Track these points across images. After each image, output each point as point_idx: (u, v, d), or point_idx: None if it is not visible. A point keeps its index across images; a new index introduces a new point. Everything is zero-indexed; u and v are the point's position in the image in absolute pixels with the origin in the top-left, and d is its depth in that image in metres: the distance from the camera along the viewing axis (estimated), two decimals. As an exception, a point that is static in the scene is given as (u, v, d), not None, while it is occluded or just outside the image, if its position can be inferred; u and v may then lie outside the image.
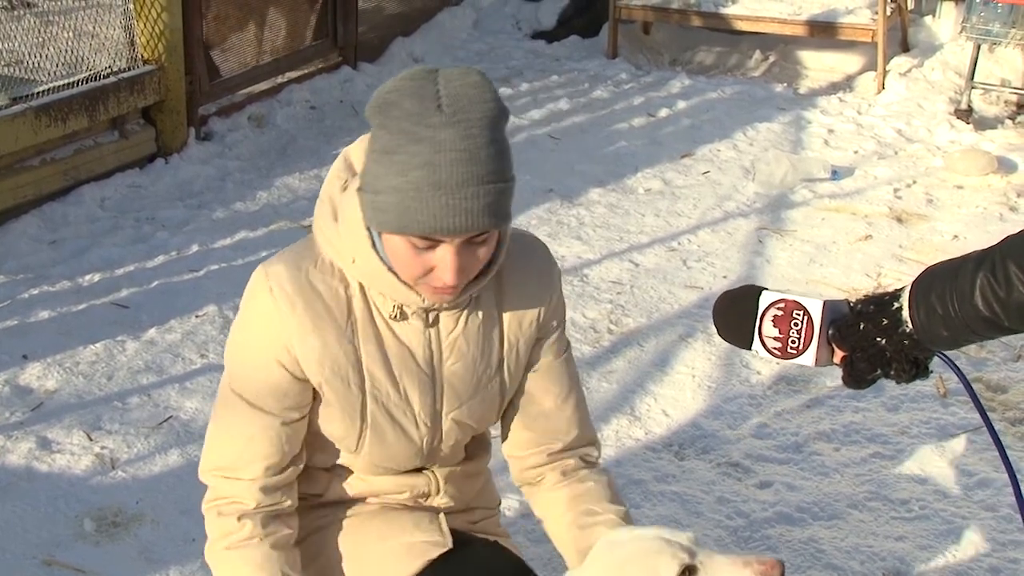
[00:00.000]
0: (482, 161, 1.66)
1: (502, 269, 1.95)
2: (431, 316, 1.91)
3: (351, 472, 2.07)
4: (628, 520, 2.06)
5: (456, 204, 1.66)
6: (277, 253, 1.95)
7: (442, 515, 2.09)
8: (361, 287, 1.89)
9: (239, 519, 1.92)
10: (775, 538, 3.28)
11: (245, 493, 1.93)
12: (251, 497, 1.93)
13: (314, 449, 2.01)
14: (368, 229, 1.79)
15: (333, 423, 1.96)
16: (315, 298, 1.87)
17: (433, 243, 1.72)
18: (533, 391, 2.08)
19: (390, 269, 1.81)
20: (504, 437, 2.16)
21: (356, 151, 1.88)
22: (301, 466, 1.99)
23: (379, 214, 1.72)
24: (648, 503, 3.40)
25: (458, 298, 1.86)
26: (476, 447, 2.19)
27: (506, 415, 2.12)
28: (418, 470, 2.09)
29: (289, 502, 1.99)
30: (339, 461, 2.05)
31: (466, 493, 2.19)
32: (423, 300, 1.85)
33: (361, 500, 2.10)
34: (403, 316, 1.90)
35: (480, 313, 1.96)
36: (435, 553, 1.99)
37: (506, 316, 2.00)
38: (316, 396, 1.94)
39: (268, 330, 1.88)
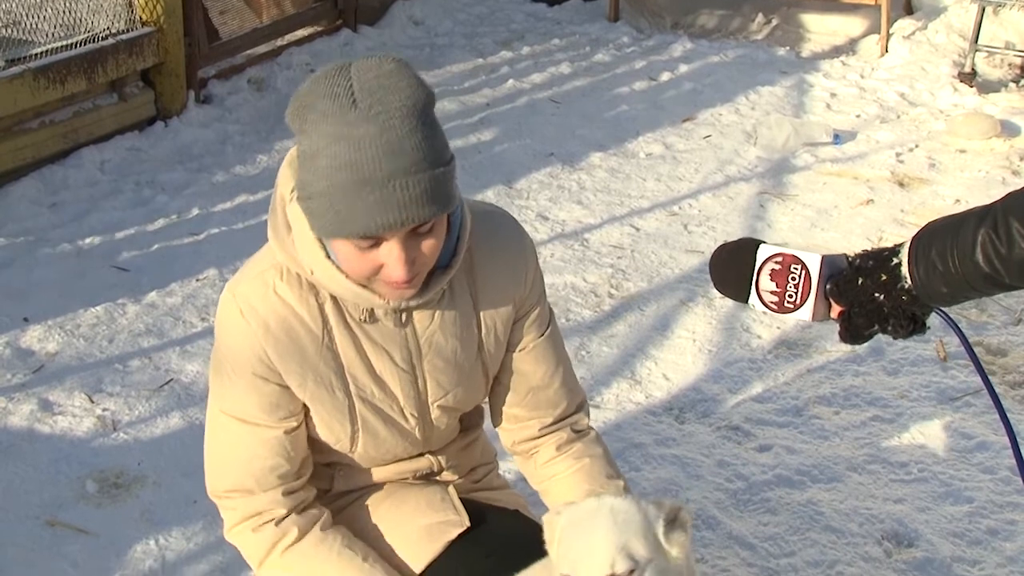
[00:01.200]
0: (407, 151, 1.60)
1: (471, 251, 1.91)
2: (403, 316, 1.88)
3: (353, 464, 2.06)
4: (627, 492, 2.06)
5: (386, 199, 1.60)
6: (240, 269, 1.92)
7: (452, 489, 2.09)
8: (332, 296, 1.85)
9: (278, 525, 1.90)
10: (774, 501, 3.29)
11: (271, 504, 1.91)
12: (278, 505, 1.91)
13: (312, 449, 2.00)
14: (321, 241, 1.75)
15: (325, 429, 1.94)
16: (288, 313, 1.83)
17: (375, 241, 1.67)
18: (521, 369, 2.06)
19: (351, 280, 1.76)
20: (494, 414, 2.15)
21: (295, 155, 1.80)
22: (311, 465, 1.98)
23: (316, 220, 1.68)
24: (648, 466, 3.42)
25: (426, 294, 1.82)
26: (469, 419, 2.19)
27: (494, 393, 2.11)
28: (418, 455, 2.10)
29: (313, 492, 1.99)
30: (338, 458, 2.05)
31: (467, 461, 2.20)
32: (388, 301, 1.81)
33: (368, 487, 2.10)
34: (373, 319, 1.87)
35: (454, 302, 1.92)
36: (454, 533, 1.99)
37: (481, 300, 1.96)
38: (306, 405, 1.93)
39: (246, 351, 1.84)
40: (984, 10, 6.91)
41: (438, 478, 2.14)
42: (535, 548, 1.86)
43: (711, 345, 4.11)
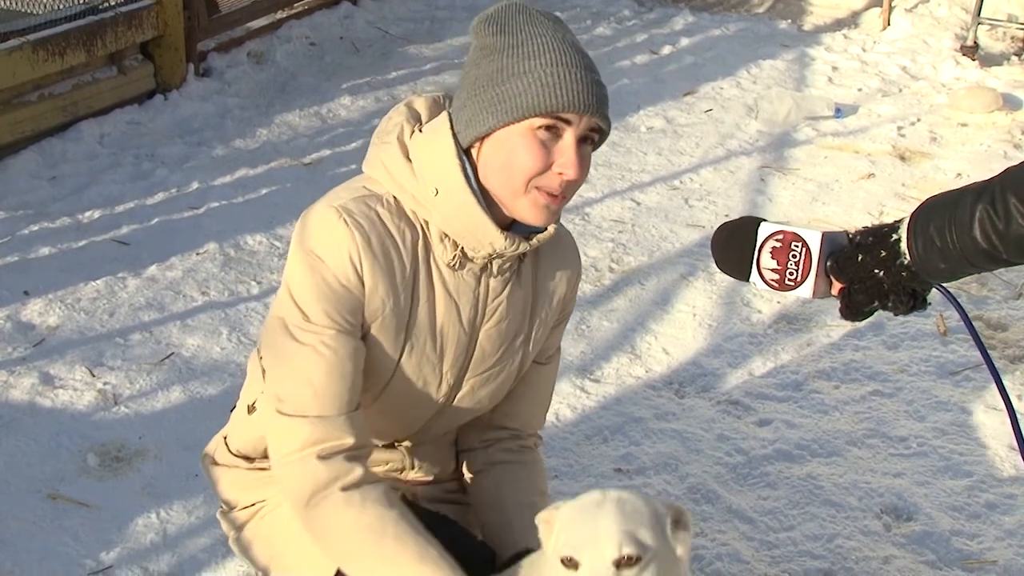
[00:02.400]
0: (593, 65, 1.81)
1: (539, 252, 2.00)
2: (494, 264, 1.91)
3: None
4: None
5: (588, 83, 1.77)
6: (326, 195, 1.91)
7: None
8: (425, 235, 1.88)
9: (347, 460, 1.85)
10: (774, 475, 3.30)
11: (341, 430, 1.85)
12: (350, 434, 1.85)
13: None
14: (460, 157, 1.81)
15: (367, 364, 1.92)
16: (386, 235, 1.85)
17: (558, 130, 1.77)
18: (526, 379, 2.12)
19: (479, 202, 1.81)
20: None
21: (419, 101, 1.93)
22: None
23: (505, 103, 1.76)
24: (648, 441, 3.42)
25: (519, 246, 1.86)
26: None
27: None
28: (391, 445, 2.09)
29: (373, 444, 1.97)
30: None
31: (437, 467, 2.19)
32: (500, 240, 1.84)
33: None
34: (461, 265, 1.89)
35: (520, 285, 1.98)
36: None
37: (541, 291, 2.03)
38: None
39: (342, 255, 1.83)
40: (987, -17, 6.87)
41: (407, 477, 2.13)
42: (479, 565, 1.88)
43: (711, 319, 4.10)
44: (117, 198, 4.83)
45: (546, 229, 1.90)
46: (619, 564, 1.64)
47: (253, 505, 2.13)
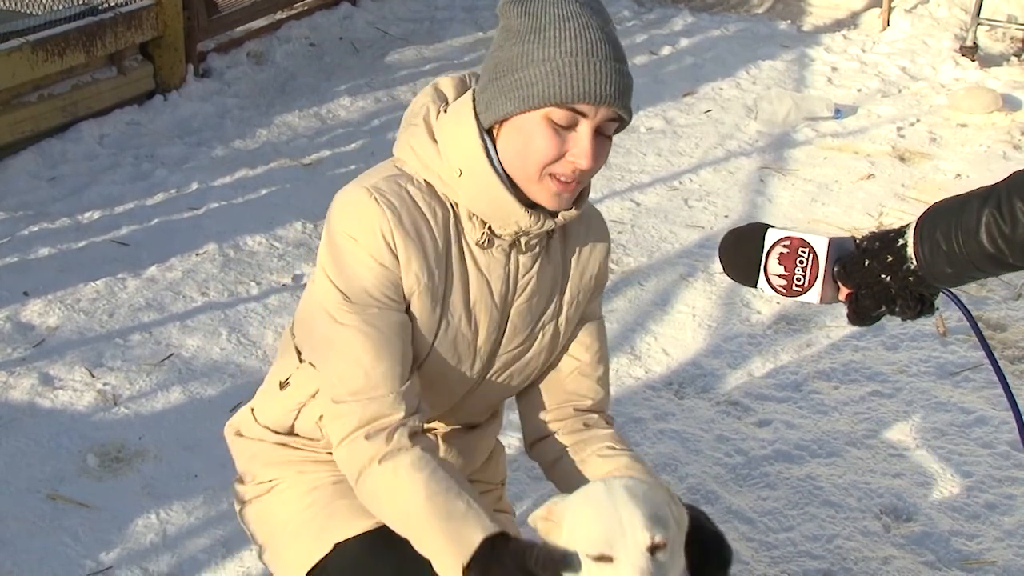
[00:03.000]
0: (621, 51, 1.79)
1: (568, 229, 2.01)
2: (522, 241, 1.92)
3: None
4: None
5: (608, 73, 1.75)
6: (356, 178, 1.92)
7: None
8: (455, 212, 1.90)
9: (391, 434, 1.85)
10: (773, 475, 3.30)
11: (389, 407, 1.85)
12: (396, 409, 1.85)
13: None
14: (483, 138, 1.82)
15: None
16: (417, 214, 1.87)
17: (574, 120, 1.77)
18: (572, 347, 2.11)
19: (503, 182, 1.82)
20: (527, 397, 2.14)
21: (445, 82, 1.95)
22: (419, 383, 1.93)
23: (522, 90, 1.77)
24: (648, 441, 3.42)
25: (544, 223, 1.88)
26: (488, 419, 2.19)
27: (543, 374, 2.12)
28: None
29: (427, 414, 1.94)
30: None
31: (468, 462, 2.18)
32: (525, 218, 1.85)
33: None
34: (490, 243, 1.91)
35: (550, 261, 1.99)
36: None
37: (572, 269, 2.04)
38: None
39: (375, 232, 1.84)
40: (987, -17, 6.88)
41: None
42: None
43: (711, 320, 4.11)
44: (117, 198, 4.83)
45: (570, 208, 1.91)
46: (653, 550, 1.63)
47: (270, 481, 2.12)
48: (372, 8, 7.48)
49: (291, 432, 2.10)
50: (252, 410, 2.20)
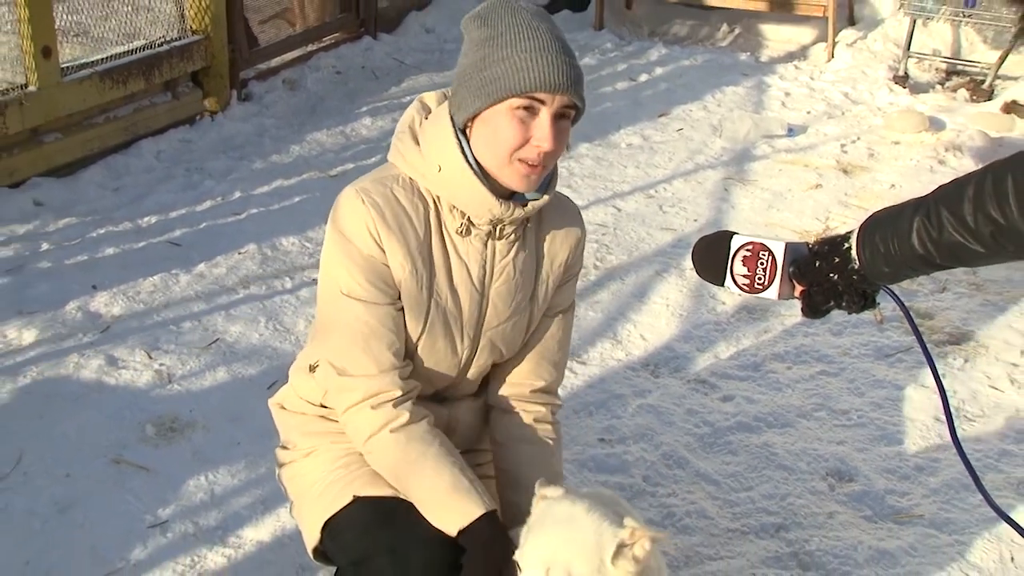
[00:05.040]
0: (570, 51, 1.81)
1: (543, 215, 1.98)
2: (498, 229, 1.90)
3: None
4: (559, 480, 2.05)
5: (559, 65, 1.76)
6: (355, 180, 1.95)
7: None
8: (436, 205, 1.90)
9: (395, 406, 1.87)
10: (735, 443, 3.29)
11: (389, 384, 1.87)
12: (396, 386, 1.87)
13: None
14: (457, 136, 1.82)
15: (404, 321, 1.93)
16: (399, 209, 1.88)
17: (534, 108, 1.77)
18: (540, 331, 2.09)
19: (476, 174, 1.82)
20: (497, 369, 2.12)
21: (428, 96, 1.98)
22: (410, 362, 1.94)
23: (487, 87, 1.77)
24: (627, 414, 3.42)
25: (535, 197, 1.87)
26: (480, 389, 2.17)
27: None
28: (440, 401, 2.07)
29: (419, 387, 1.94)
30: None
31: (474, 432, 2.17)
32: (497, 207, 1.84)
33: None
34: (468, 231, 1.90)
35: (525, 246, 1.98)
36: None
37: (545, 253, 2.02)
38: None
39: (362, 230, 1.86)
40: (915, 22, 6.90)
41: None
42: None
43: (682, 310, 4.10)
44: (171, 205, 4.81)
45: (539, 197, 1.90)
46: None
47: (307, 448, 2.11)
48: (390, 41, 7.46)
49: (323, 406, 2.10)
50: (293, 387, 2.20)
